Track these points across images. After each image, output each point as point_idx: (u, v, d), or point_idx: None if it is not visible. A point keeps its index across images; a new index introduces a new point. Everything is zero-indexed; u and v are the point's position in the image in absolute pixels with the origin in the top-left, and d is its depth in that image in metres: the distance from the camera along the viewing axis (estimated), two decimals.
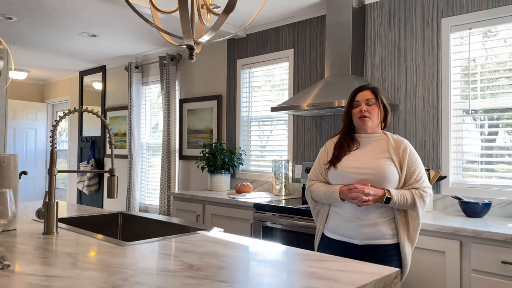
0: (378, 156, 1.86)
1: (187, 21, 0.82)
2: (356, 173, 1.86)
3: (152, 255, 1.34)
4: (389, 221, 1.85)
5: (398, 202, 1.80)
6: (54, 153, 1.61)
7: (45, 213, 1.59)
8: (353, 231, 1.86)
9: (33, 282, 1.04)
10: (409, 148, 1.89)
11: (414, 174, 1.85)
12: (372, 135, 1.94)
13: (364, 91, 1.94)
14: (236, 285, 1.03)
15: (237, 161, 3.89)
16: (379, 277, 1.12)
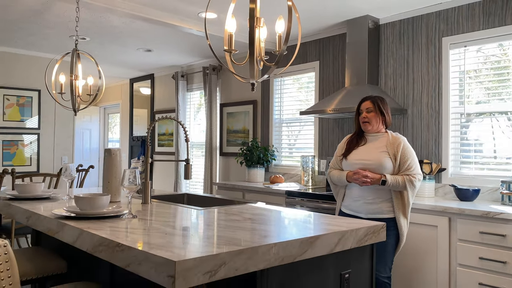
0: (378, 151, 2.49)
1: (253, 69, 1.48)
2: (360, 164, 2.50)
3: (221, 214, 2.00)
4: (387, 200, 2.48)
5: (392, 184, 2.41)
6: (148, 147, 2.31)
7: (143, 189, 2.29)
8: (359, 207, 2.50)
9: (154, 223, 1.71)
10: (403, 143, 2.50)
11: (406, 163, 2.46)
12: (376, 134, 2.57)
13: (365, 102, 2.59)
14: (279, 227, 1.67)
15: (270, 157, 4.54)
16: (370, 225, 1.74)
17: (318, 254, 1.49)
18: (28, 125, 5.16)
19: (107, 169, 2.29)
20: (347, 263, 1.68)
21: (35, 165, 5.21)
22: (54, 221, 1.73)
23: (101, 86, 2.92)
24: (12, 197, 2.41)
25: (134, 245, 1.29)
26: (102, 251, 1.41)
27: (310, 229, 1.61)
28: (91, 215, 1.75)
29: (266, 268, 1.35)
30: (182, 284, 1.11)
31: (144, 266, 1.22)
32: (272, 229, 1.59)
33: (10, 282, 1.44)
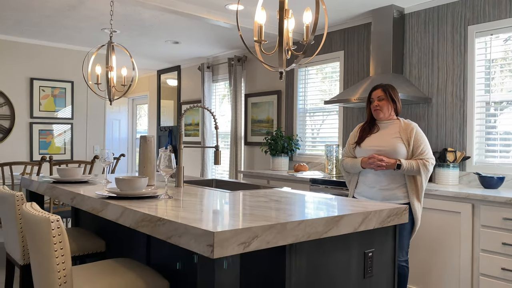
0: (391, 137, 2.56)
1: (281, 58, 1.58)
2: (374, 150, 2.58)
3: (249, 196, 2.11)
4: (401, 186, 2.55)
5: (407, 168, 2.48)
6: (181, 135, 2.44)
7: (176, 173, 2.43)
8: (374, 194, 2.58)
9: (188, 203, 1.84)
10: (416, 129, 2.57)
11: (419, 148, 2.52)
12: (388, 121, 2.64)
13: (376, 90, 2.67)
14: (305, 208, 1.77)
15: (295, 146, 4.63)
16: (392, 207, 1.83)
17: (342, 233, 1.58)
18: (62, 115, 5.40)
19: (143, 155, 2.44)
20: (371, 242, 1.77)
21: (69, 153, 5.46)
22: (98, 200, 1.88)
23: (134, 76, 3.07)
24: (54, 181, 2.59)
25: (175, 219, 1.42)
26: (144, 226, 1.54)
27: (335, 209, 1.71)
28: (131, 195, 1.89)
29: (294, 243, 1.46)
30: (219, 252, 1.23)
31: (184, 238, 1.34)
32: (298, 209, 1.69)
33: (62, 254, 1.60)
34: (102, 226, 2.75)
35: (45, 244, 1.60)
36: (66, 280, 1.60)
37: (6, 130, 5.01)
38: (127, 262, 1.98)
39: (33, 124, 5.18)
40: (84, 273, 1.79)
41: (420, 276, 3.01)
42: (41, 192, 2.55)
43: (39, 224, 1.63)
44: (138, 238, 2.33)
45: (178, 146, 2.46)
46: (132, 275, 1.81)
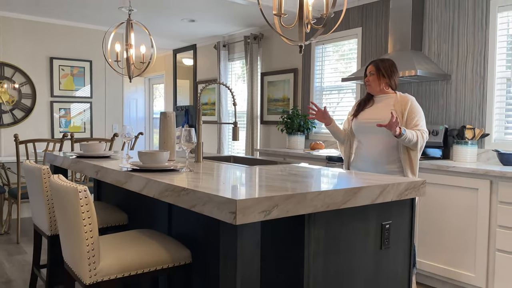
0: (385, 109, 2.59)
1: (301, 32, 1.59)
2: (369, 122, 2.62)
3: (268, 170, 2.15)
4: (395, 160, 2.58)
5: (408, 137, 2.46)
6: (200, 110, 2.48)
7: (196, 149, 2.48)
8: (367, 168, 2.65)
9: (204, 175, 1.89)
10: (411, 101, 2.58)
11: (413, 120, 2.54)
12: (383, 95, 2.67)
13: (369, 66, 2.71)
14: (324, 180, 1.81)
15: (311, 125, 4.64)
16: (410, 181, 1.84)
17: (360, 204, 1.61)
18: (81, 94, 5.49)
19: (163, 130, 2.49)
20: (388, 214, 1.80)
21: (89, 132, 5.57)
22: (122, 173, 1.94)
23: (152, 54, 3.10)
24: (78, 156, 2.67)
25: (198, 189, 1.47)
26: (168, 196, 1.60)
27: (353, 182, 1.73)
28: (153, 168, 1.95)
29: (313, 212, 1.50)
30: (241, 219, 1.28)
31: (207, 206, 1.39)
32: (316, 182, 1.73)
33: (89, 222, 1.67)
34: (124, 200, 2.83)
35: (74, 213, 1.68)
36: (94, 247, 1.67)
37: (28, 109, 5.13)
38: (150, 233, 2.06)
39: (53, 103, 5.28)
40: (109, 243, 1.86)
41: (436, 252, 3.03)
42: (66, 166, 2.63)
43: (68, 194, 1.70)
44: (160, 210, 2.40)
45: (197, 122, 2.50)
46: (155, 244, 1.88)
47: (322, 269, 1.56)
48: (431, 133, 3.48)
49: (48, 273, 2.40)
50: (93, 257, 1.67)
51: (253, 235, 1.36)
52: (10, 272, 3.27)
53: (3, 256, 3.64)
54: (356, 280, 1.68)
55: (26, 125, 5.13)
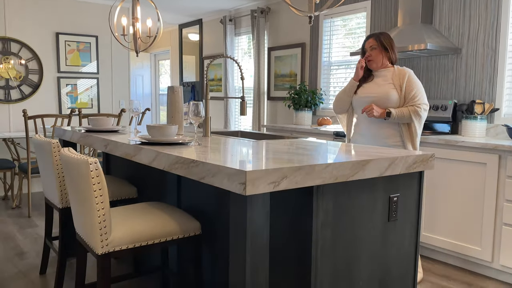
0: (383, 84, 2.57)
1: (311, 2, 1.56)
2: (367, 97, 2.61)
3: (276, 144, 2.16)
4: (395, 133, 2.58)
5: (397, 116, 2.48)
6: (207, 85, 2.47)
7: (204, 123, 2.48)
8: (367, 142, 2.66)
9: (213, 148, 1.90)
10: (409, 75, 2.56)
11: (411, 93, 2.52)
12: (382, 69, 2.64)
13: (368, 40, 2.65)
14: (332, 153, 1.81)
15: (318, 100, 4.62)
16: (419, 154, 1.84)
17: (368, 176, 1.62)
18: (87, 70, 5.48)
19: (171, 105, 2.49)
20: (396, 187, 1.81)
21: (96, 108, 5.59)
22: (131, 146, 1.96)
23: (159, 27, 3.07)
24: (87, 130, 2.69)
25: (208, 161, 1.48)
26: (178, 168, 1.61)
27: (361, 155, 1.74)
28: (162, 142, 1.96)
29: (321, 184, 1.50)
30: (251, 190, 1.29)
31: (217, 178, 1.40)
32: (325, 155, 1.73)
33: (101, 194, 1.69)
34: (133, 174, 2.86)
35: (85, 185, 1.70)
36: (105, 218, 1.70)
37: (35, 85, 5.14)
38: (160, 205, 2.09)
39: (60, 79, 5.28)
40: (120, 214, 1.89)
41: (441, 226, 3.05)
42: (75, 140, 2.65)
43: (78, 166, 1.72)
44: (169, 184, 2.43)
45: (205, 96, 2.49)
46: (165, 216, 1.91)
47: (330, 239, 1.58)
48: (439, 108, 3.45)
49: (61, 245, 2.46)
50: (104, 228, 1.70)
51: (263, 205, 1.38)
52: (23, 244, 3.35)
53: (15, 229, 3.72)
54: (364, 250, 1.70)
55: (33, 101, 5.14)
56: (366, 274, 1.72)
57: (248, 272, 1.35)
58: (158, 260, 2.65)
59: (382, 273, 1.80)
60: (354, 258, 1.67)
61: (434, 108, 3.49)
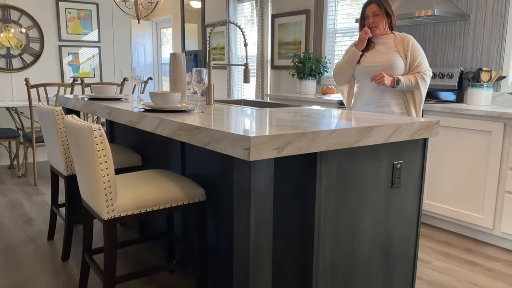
0: (388, 52, 2.52)
1: None
2: (372, 66, 2.55)
3: (280, 112, 2.15)
4: (399, 102, 2.56)
5: (405, 84, 2.46)
6: (210, 51, 2.44)
7: (207, 91, 2.46)
8: (371, 111, 2.59)
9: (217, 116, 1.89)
10: (412, 41, 2.51)
11: (416, 61, 2.49)
12: (383, 36, 2.58)
13: (370, 5, 2.56)
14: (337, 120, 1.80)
15: (323, 69, 4.56)
16: (424, 121, 1.83)
17: (373, 143, 1.61)
18: (89, 39, 5.41)
19: (173, 72, 2.46)
20: (400, 154, 1.81)
21: (98, 77, 5.55)
22: (134, 113, 1.95)
23: None
24: (90, 98, 2.68)
25: (212, 127, 1.47)
26: (181, 134, 1.61)
27: (366, 122, 1.73)
28: (166, 109, 1.95)
29: (326, 150, 1.51)
30: (255, 156, 1.29)
31: (221, 144, 1.40)
32: (329, 121, 1.72)
33: (105, 160, 1.70)
34: (137, 143, 2.87)
35: (89, 151, 1.71)
36: (111, 184, 1.72)
37: (36, 54, 5.09)
38: (164, 172, 2.10)
39: (62, 47, 5.23)
40: (125, 181, 1.91)
41: (443, 193, 3.07)
42: (78, 108, 2.65)
43: (82, 133, 1.72)
44: (173, 151, 2.44)
45: (208, 64, 2.46)
46: (170, 183, 1.92)
47: (333, 206, 1.59)
48: (445, 76, 3.40)
49: (67, 211, 2.49)
50: (110, 194, 1.72)
51: (267, 171, 1.38)
52: (30, 211, 3.40)
53: (22, 197, 3.78)
54: (366, 216, 1.72)
55: (35, 70, 5.11)
56: (369, 237, 1.75)
57: (252, 236, 1.37)
58: (163, 227, 2.70)
59: (385, 238, 1.82)
60: (357, 223, 1.69)
61: (440, 76, 3.44)
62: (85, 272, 2.08)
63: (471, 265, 2.58)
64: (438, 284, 2.33)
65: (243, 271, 1.42)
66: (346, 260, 1.68)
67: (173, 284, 2.27)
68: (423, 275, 2.43)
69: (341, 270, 1.67)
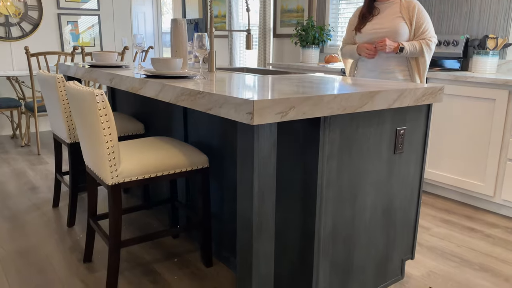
0: (392, 17, 2.47)
1: None
2: (375, 33, 2.50)
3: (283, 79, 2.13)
4: (403, 68, 2.53)
5: (410, 51, 2.42)
6: (211, 16, 2.39)
7: (209, 58, 2.43)
8: (375, 78, 2.57)
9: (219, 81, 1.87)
10: (417, 6, 2.45)
11: (421, 27, 2.44)
12: (388, 1, 2.52)
13: None
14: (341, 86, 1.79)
15: (326, 37, 4.49)
16: (428, 86, 1.81)
17: (376, 108, 1.60)
18: (88, 7, 5.31)
19: (174, 38, 2.43)
20: (403, 120, 1.80)
21: (99, 46, 5.49)
22: (136, 79, 1.94)
23: None
24: (91, 65, 2.65)
25: (215, 92, 1.46)
26: (184, 100, 1.61)
27: (370, 87, 1.71)
28: (167, 75, 1.94)
29: (329, 115, 1.50)
30: (258, 120, 1.29)
31: (224, 108, 1.40)
32: (333, 87, 1.71)
33: (108, 126, 1.70)
34: (139, 111, 2.86)
35: (92, 116, 1.71)
36: (114, 150, 1.72)
37: (35, 22, 5.01)
38: (167, 139, 2.11)
39: (61, 16, 5.14)
40: (129, 147, 1.92)
41: (444, 161, 3.08)
42: (79, 76, 2.63)
43: (85, 98, 1.71)
44: (175, 119, 2.44)
45: (210, 29, 2.42)
46: (173, 149, 1.93)
47: (336, 170, 1.60)
48: (451, 43, 3.35)
49: (71, 178, 2.52)
50: (114, 159, 1.73)
51: (270, 136, 1.38)
52: (35, 179, 3.44)
53: (26, 166, 3.80)
54: (368, 181, 1.73)
55: (35, 39, 5.05)
56: (370, 202, 1.77)
57: (256, 200, 1.39)
58: (167, 195, 2.73)
59: (386, 202, 1.84)
60: (359, 188, 1.71)
61: (445, 43, 3.39)
62: (91, 236, 2.11)
63: (471, 231, 2.61)
64: (438, 249, 2.37)
65: (246, 234, 1.44)
66: (348, 225, 1.71)
67: (177, 248, 2.31)
68: (423, 241, 2.47)
69: (342, 234, 1.69)
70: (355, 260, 1.78)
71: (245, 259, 1.47)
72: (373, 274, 1.89)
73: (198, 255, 2.25)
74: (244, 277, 1.49)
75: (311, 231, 1.60)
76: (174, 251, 2.28)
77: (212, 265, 2.14)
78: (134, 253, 2.26)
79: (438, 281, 2.04)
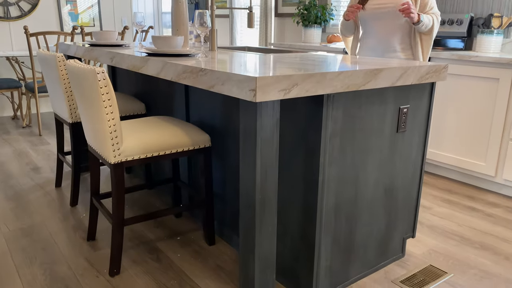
0: None
1: None
2: (381, 8, 2.46)
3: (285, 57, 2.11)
4: (406, 47, 2.49)
5: (425, 23, 2.35)
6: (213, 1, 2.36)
7: (210, 37, 2.41)
8: (377, 56, 2.53)
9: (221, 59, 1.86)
10: None
11: (427, 5, 2.40)
12: None
13: None
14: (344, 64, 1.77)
15: (328, 16, 4.43)
16: (432, 64, 1.79)
17: (380, 86, 1.59)
18: None
19: (175, 16, 2.40)
20: (407, 98, 1.79)
21: (98, 27, 5.43)
22: (137, 58, 1.92)
23: None
24: (91, 44, 2.63)
25: (217, 69, 1.45)
26: (186, 77, 1.59)
27: (373, 65, 1.69)
28: (169, 53, 1.92)
29: (332, 93, 1.49)
30: (261, 97, 1.28)
31: (227, 85, 1.39)
32: (336, 65, 1.69)
33: (110, 104, 1.70)
34: (140, 91, 2.85)
35: (94, 94, 1.70)
36: (116, 128, 1.72)
37: (34, 1, 4.95)
38: (169, 119, 2.10)
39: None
40: (131, 127, 1.91)
41: (446, 141, 3.08)
42: (80, 55, 2.61)
43: (86, 76, 1.70)
44: (177, 98, 2.42)
45: (211, 7, 2.39)
46: (175, 129, 1.93)
47: (339, 148, 1.59)
48: (455, 22, 3.30)
49: (73, 158, 2.52)
50: (116, 138, 1.72)
51: (273, 113, 1.37)
52: (37, 160, 3.44)
53: (28, 147, 3.81)
54: (371, 159, 1.73)
55: (34, 19, 4.99)
56: (372, 181, 1.77)
57: (258, 177, 1.39)
58: (169, 175, 2.74)
59: (388, 181, 1.84)
60: (361, 166, 1.71)
61: (449, 22, 3.34)
62: (94, 215, 2.13)
63: (472, 211, 2.63)
64: (439, 228, 2.39)
65: (249, 212, 1.45)
66: (350, 202, 1.71)
67: (180, 227, 2.33)
68: (424, 220, 2.48)
69: (344, 212, 1.70)
70: (356, 237, 1.80)
71: (247, 237, 1.48)
72: (375, 251, 1.91)
73: (200, 233, 2.27)
74: (246, 255, 1.50)
75: (313, 208, 1.61)
76: (177, 230, 2.30)
77: (215, 243, 2.16)
78: (138, 232, 2.28)
79: (438, 259, 2.06)
